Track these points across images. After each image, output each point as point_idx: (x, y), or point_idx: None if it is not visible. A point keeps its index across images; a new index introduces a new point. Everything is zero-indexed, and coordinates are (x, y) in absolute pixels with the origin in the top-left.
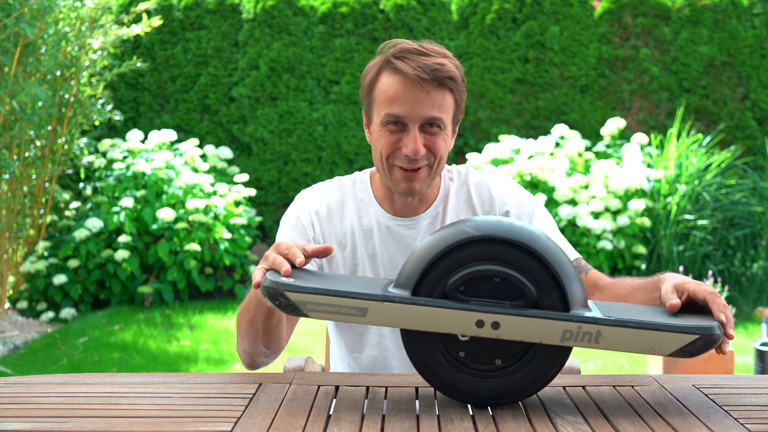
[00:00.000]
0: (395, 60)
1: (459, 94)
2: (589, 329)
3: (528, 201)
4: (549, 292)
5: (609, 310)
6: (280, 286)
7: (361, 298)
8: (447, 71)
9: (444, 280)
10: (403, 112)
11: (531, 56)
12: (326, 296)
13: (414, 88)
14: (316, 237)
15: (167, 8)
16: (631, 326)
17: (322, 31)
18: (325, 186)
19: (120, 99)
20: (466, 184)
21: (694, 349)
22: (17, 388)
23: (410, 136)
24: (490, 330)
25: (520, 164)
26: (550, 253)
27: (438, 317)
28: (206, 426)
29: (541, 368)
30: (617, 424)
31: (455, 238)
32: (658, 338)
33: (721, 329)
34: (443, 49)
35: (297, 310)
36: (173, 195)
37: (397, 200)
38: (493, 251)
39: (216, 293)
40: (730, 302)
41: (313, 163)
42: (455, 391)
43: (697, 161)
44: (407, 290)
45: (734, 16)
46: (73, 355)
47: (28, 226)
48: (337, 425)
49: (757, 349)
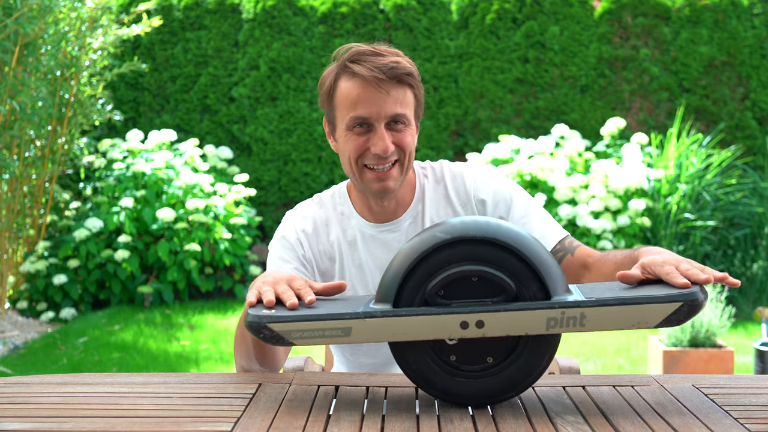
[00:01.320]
0: (351, 64)
1: (417, 89)
2: (572, 313)
3: (504, 187)
4: (528, 283)
5: (591, 291)
6: (262, 319)
7: (343, 318)
8: (403, 68)
9: (423, 288)
10: (367, 112)
11: (531, 56)
12: (308, 322)
13: (373, 89)
14: (306, 254)
15: (167, 8)
16: (614, 304)
17: (322, 31)
18: (307, 205)
19: (120, 99)
20: (442, 179)
21: (680, 317)
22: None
23: (377, 135)
24: (475, 330)
25: (520, 164)
26: (522, 244)
27: (422, 325)
28: (206, 426)
29: (533, 360)
30: (617, 424)
31: (427, 244)
32: (642, 311)
33: (704, 293)
34: (395, 49)
35: (282, 339)
36: (173, 195)
37: (374, 206)
38: (467, 251)
39: (216, 293)
40: (730, 302)
41: (313, 163)
42: (451, 395)
43: (698, 161)
44: (388, 303)
45: (734, 16)
46: (73, 355)
47: (28, 226)
48: (337, 425)
49: (757, 349)
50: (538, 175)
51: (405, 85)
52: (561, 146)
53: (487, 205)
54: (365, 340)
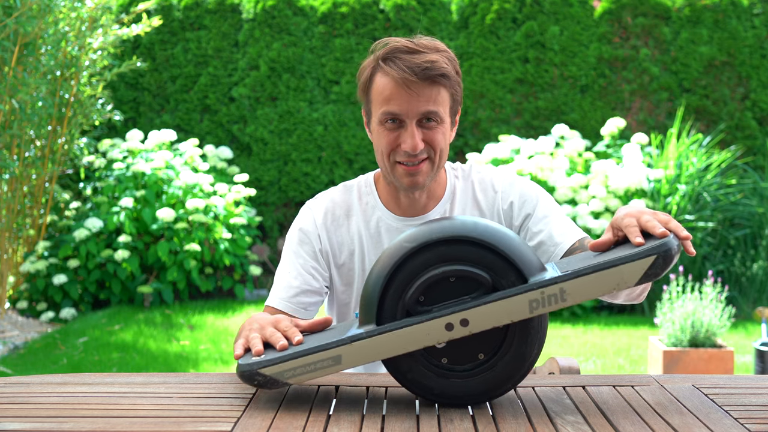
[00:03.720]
0: (384, 63)
1: (453, 88)
2: (552, 291)
3: (531, 189)
4: (502, 272)
5: (567, 265)
6: (253, 366)
7: (330, 348)
8: (437, 68)
9: (401, 299)
10: (398, 109)
11: (531, 56)
12: (298, 359)
13: (405, 90)
14: (322, 248)
15: (167, 8)
16: (590, 272)
17: (322, 31)
18: (330, 193)
19: (120, 99)
20: (470, 181)
21: (657, 270)
22: (17, 388)
23: (408, 132)
24: (461, 329)
25: (520, 164)
26: (488, 234)
27: (408, 336)
28: (206, 426)
29: (523, 349)
30: (617, 424)
31: (395, 256)
32: (619, 273)
33: (676, 240)
34: (435, 42)
35: (276, 382)
36: (173, 195)
37: (403, 199)
38: (437, 254)
39: (216, 293)
40: (730, 302)
41: (313, 163)
42: (449, 397)
43: (698, 161)
44: (371, 323)
45: (734, 16)
46: (73, 355)
47: (28, 226)
48: (337, 425)
49: (757, 349)
50: (538, 175)
51: (438, 84)
52: (561, 146)
53: (514, 207)
54: (357, 364)
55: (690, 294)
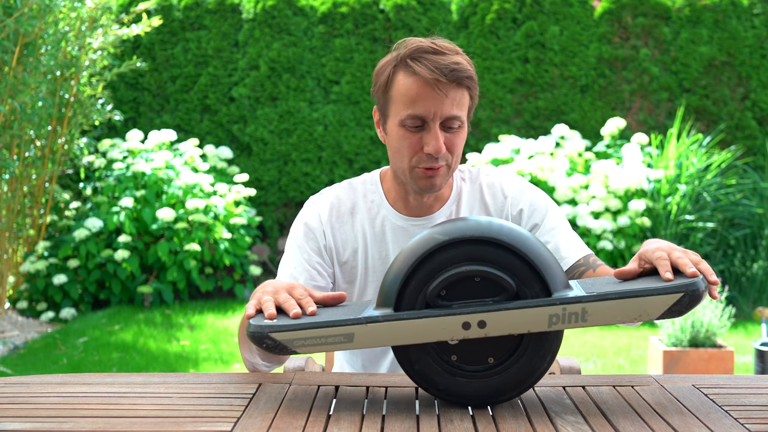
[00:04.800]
0: (412, 62)
1: (474, 90)
2: (574, 309)
3: (540, 198)
4: (528, 281)
5: (592, 287)
6: (264, 329)
7: (345, 325)
8: (463, 70)
9: (423, 290)
10: (424, 112)
11: (531, 56)
12: (311, 330)
13: (432, 90)
14: (327, 244)
15: (167, 8)
16: (614, 297)
17: (322, 31)
18: (334, 190)
19: (120, 99)
20: (478, 183)
21: (681, 308)
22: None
23: (431, 135)
24: (477, 330)
25: (520, 164)
26: (522, 243)
27: (424, 327)
28: (206, 426)
29: (534, 361)
30: (617, 424)
31: (425, 246)
32: (643, 304)
33: (704, 282)
34: (454, 45)
35: (285, 348)
36: (173, 195)
37: (411, 200)
38: (466, 252)
39: (216, 293)
40: (730, 302)
41: (313, 163)
42: (452, 394)
43: (698, 161)
44: (389, 308)
45: (734, 16)
46: (73, 355)
47: (28, 226)
48: (337, 425)
49: (757, 349)
50: (538, 175)
51: (463, 87)
52: (561, 146)
53: (523, 214)
54: (368, 345)
55: None
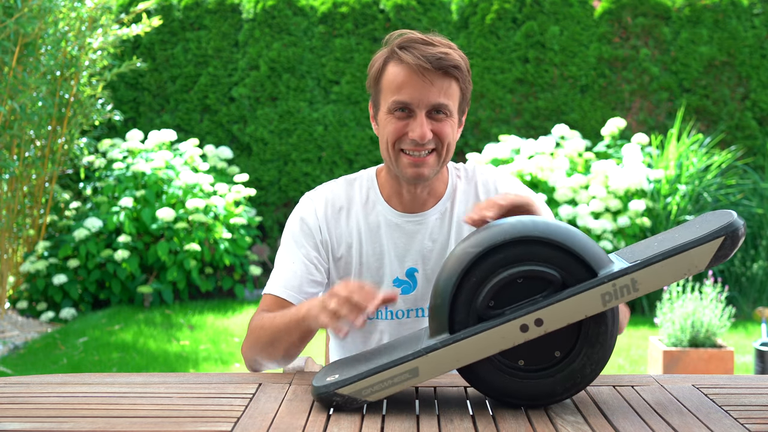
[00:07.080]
0: (400, 50)
1: (464, 83)
2: (623, 282)
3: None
4: (570, 267)
5: (632, 255)
6: (329, 387)
7: (406, 361)
8: (451, 60)
9: (472, 305)
10: (409, 98)
11: (531, 56)
12: (375, 375)
13: (418, 78)
14: (323, 239)
15: (167, 8)
16: (659, 259)
17: (322, 31)
18: (330, 186)
19: (120, 99)
20: (473, 182)
21: (725, 251)
22: (17, 388)
23: (417, 122)
24: (536, 329)
25: (520, 164)
26: (551, 232)
27: (483, 342)
28: (206, 426)
29: (598, 348)
30: (617, 424)
31: (462, 262)
32: (690, 257)
33: (740, 219)
34: (448, 40)
35: (355, 401)
36: (173, 195)
37: (405, 194)
38: (502, 257)
39: (216, 293)
40: (730, 302)
41: (313, 163)
42: (533, 398)
43: (698, 161)
44: (444, 332)
45: (734, 16)
46: (73, 355)
47: (28, 226)
48: (337, 425)
49: (757, 349)
50: (538, 176)
51: (450, 77)
52: (561, 146)
53: None
54: (434, 375)
55: (690, 294)
